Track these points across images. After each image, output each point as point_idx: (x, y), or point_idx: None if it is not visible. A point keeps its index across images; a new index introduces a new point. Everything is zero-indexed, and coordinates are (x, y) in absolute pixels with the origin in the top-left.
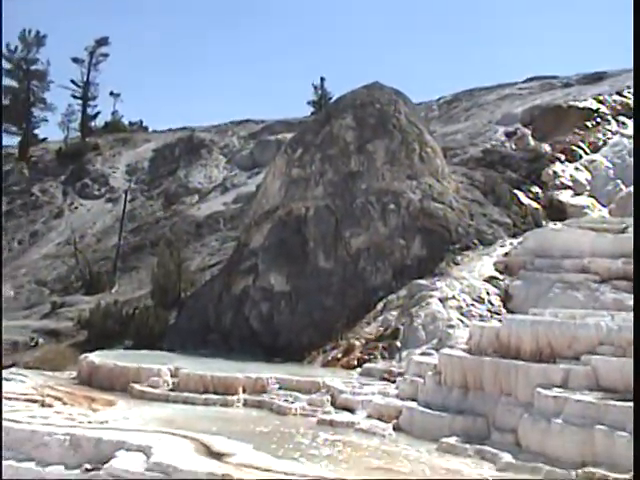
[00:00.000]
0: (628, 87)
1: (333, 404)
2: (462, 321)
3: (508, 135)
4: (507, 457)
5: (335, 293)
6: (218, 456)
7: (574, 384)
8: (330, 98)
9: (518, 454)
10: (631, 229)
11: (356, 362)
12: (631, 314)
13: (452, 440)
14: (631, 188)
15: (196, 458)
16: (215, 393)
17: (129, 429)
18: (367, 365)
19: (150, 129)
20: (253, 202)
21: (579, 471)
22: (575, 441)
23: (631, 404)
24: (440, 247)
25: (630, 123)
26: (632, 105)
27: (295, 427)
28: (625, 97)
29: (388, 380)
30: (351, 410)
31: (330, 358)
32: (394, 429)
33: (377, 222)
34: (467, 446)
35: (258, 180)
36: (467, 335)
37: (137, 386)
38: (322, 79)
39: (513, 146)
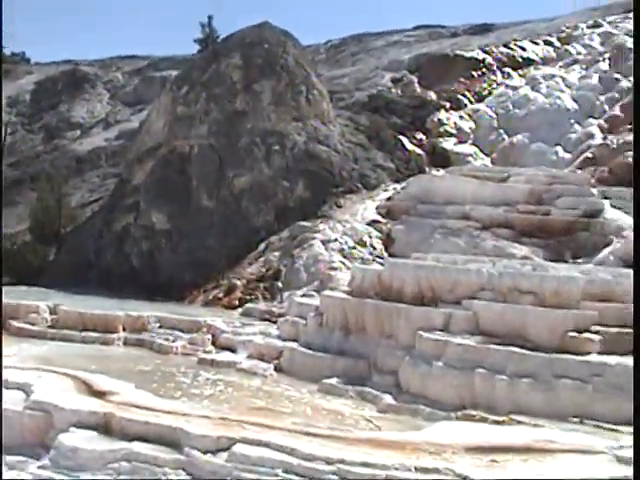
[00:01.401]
0: (514, 40)
1: (214, 344)
2: (344, 263)
3: (394, 81)
4: (388, 399)
5: (217, 233)
6: (100, 395)
7: (455, 328)
8: (217, 37)
9: (399, 396)
10: (513, 178)
11: (237, 302)
12: (512, 261)
13: (333, 381)
14: (514, 138)
15: (77, 397)
16: (94, 331)
17: (7, 366)
18: (248, 305)
19: (32, 61)
20: (136, 139)
21: (459, 413)
22: (455, 384)
23: (511, 348)
24: (324, 190)
25: (515, 74)
26: (522, 59)
27: (176, 366)
28: (511, 49)
29: (269, 321)
30: (232, 350)
31: (211, 298)
32: (275, 369)
33: (261, 163)
34: (348, 387)
35: (142, 117)
36: (349, 277)
37: (15, 323)
38: (209, 17)
39: (399, 92)
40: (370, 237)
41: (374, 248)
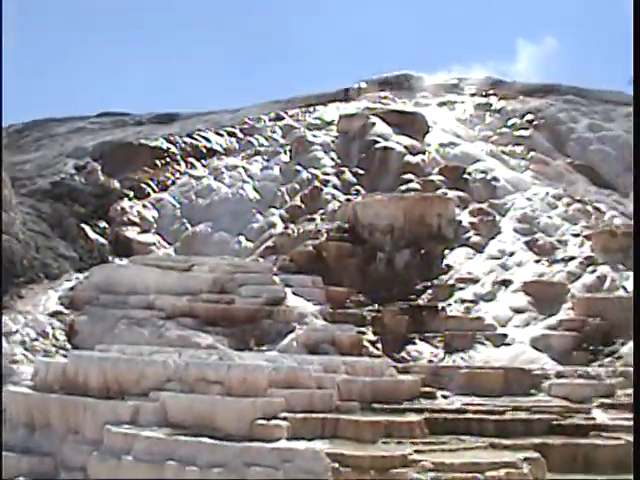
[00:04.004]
0: (199, 130)
1: None
2: (26, 356)
3: (78, 169)
4: None
5: None
6: None
7: (143, 420)
8: None
9: None
10: (196, 267)
11: None
12: (199, 351)
13: None
14: (197, 227)
15: None
16: None
17: None
18: None
19: None
20: None
21: None
22: (146, 477)
23: (200, 439)
24: (4, 280)
25: (199, 165)
26: (206, 149)
27: None
28: (195, 139)
29: None
30: None
31: None
32: None
33: None
34: None
35: None
36: (32, 371)
37: None
38: None
39: (83, 180)
40: (53, 328)
41: (57, 339)
